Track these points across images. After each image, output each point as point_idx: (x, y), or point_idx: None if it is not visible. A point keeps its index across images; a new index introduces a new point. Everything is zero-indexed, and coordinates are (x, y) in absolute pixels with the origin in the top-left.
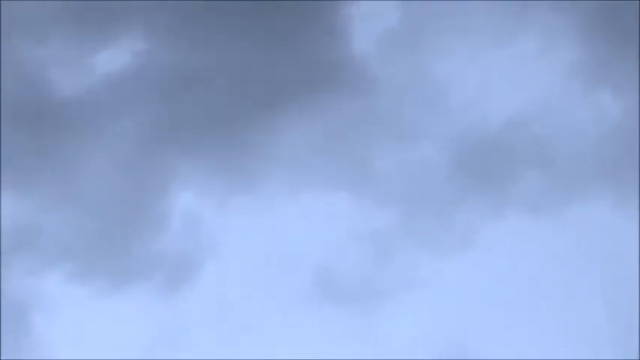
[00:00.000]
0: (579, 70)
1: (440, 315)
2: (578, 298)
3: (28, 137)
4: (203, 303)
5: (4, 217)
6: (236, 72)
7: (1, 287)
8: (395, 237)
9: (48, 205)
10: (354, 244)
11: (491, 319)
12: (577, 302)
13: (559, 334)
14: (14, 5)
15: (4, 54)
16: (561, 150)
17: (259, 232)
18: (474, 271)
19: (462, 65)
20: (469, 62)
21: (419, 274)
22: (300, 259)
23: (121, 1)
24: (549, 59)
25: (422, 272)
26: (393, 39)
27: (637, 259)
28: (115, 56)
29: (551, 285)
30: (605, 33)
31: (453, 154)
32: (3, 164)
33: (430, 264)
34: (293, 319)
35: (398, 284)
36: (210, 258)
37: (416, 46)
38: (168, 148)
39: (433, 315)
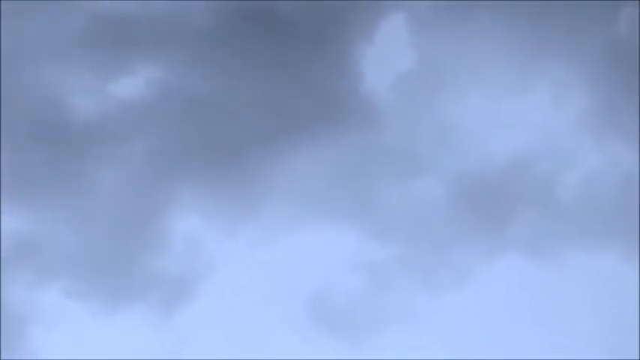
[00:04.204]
0: (590, 119)
1: (431, 350)
2: (573, 344)
3: (41, 156)
4: (198, 325)
5: (7, 230)
6: (246, 101)
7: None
8: (392, 270)
9: (53, 220)
10: (350, 275)
11: (482, 357)
12: (572, 348)
13: None
14: (35, 32)
15: (24, 78)
16: (566, 195)
17: (258, 258)
18: (468, 309)
19: (472, 107)
20: (479, 105)
21: (413, 308)
22: (296, 287)
23: (137, 31)
24: (560, 107)
25: (416, 306)
26: (405, 78)
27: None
28: (131, 84)
29: (544, 328)
30: (616, 83)
31: (456, 192)
32: (16, 180)
33: (425, 299)
34: (286, 344)
35: (391, 316)
36: (207, 281)
37: (427, 86)
38: (175, 172)
39: (424, 349)
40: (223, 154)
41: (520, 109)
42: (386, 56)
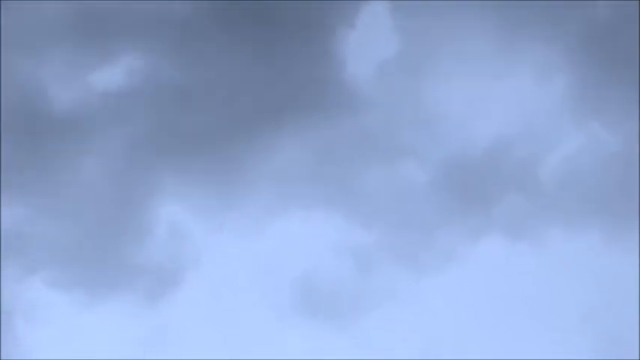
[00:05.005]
0: (571, 101)
1: (416, 332)
2: (557, 325)
3: (23, 148)
4: (184, 314)
5: None
6: (229, 89)
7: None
8: (376, 253)
9: (37, 212)
10: (335, 259)
11: (466, 338)
12: (555, 329)
13: (534, 356)
14: (16, 22)
15: (5, 68)
16: (549, 177)
17: (243, 246)
18: (451, 290)
19: (454, 91)
20: (461, 89)
21: (397, 291)
22: (281, 273)
23: (118, 20)
24: (541, 90)
25: (401, 289)
26: (387, 63)
27: (619, 289)
28: (111, 73)
29: (527, 308)
30: (597, 65)
31: (439, 175)
32: None
33: (409, 281)
34: (273, 331)
35: (376, 300)
36: (192, 270)
37: (409, 70)
38: (158, 161)
39: (410, 332)
40: (206, 143)
41: (502, 93)
42: (368, 42)
